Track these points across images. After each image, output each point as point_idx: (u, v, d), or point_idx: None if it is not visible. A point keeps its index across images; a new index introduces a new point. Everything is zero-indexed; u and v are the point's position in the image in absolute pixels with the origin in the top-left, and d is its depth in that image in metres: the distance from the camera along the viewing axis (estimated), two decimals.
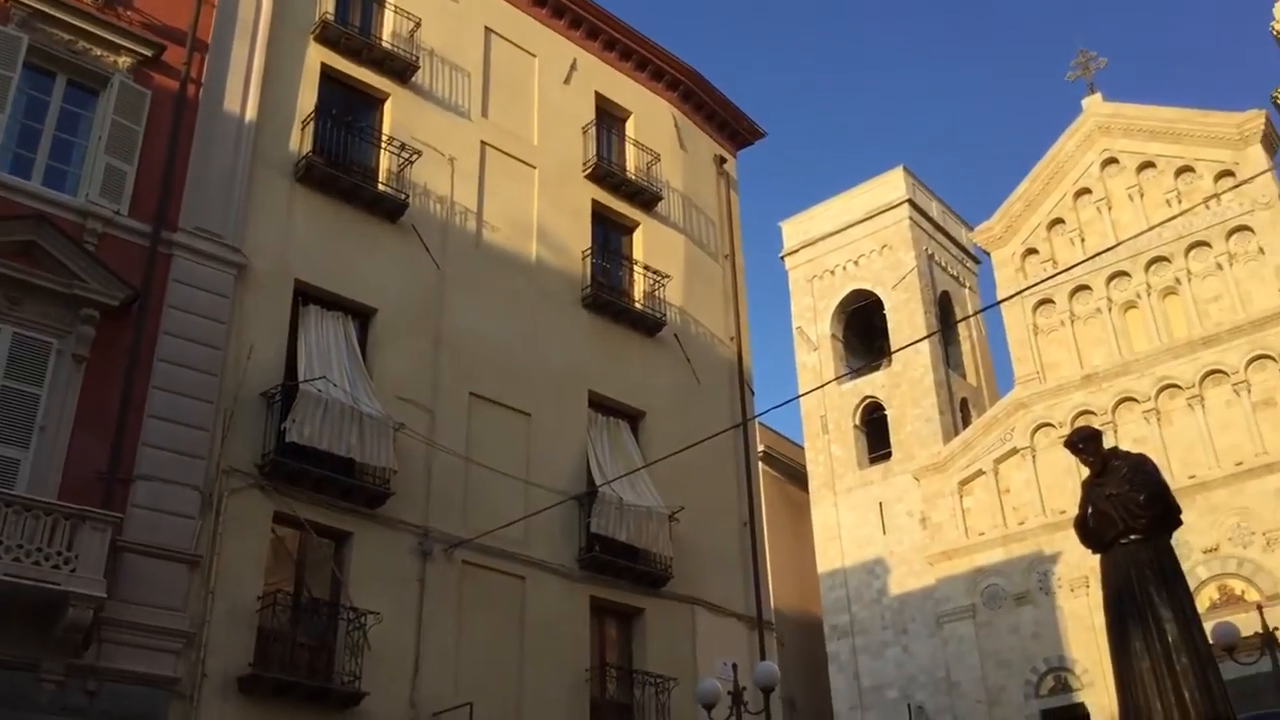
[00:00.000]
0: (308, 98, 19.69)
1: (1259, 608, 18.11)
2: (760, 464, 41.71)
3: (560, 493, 20.18)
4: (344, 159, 19.73)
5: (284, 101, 19.32)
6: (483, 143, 22.32)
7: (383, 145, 20.49)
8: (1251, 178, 37.38)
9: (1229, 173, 39.69)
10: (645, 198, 24.99)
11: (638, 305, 23.69)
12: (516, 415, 20.62)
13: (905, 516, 43.45)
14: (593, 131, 24.54)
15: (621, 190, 24.64)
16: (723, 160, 27.98)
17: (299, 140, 19.26)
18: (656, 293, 24.14)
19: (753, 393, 25.99)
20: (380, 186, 19.98)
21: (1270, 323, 36.93)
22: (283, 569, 16.93)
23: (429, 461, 18.76)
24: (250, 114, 18.60)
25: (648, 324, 23.63)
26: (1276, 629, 16.59)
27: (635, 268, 24.36)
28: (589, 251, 23.29)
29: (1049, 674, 38.14)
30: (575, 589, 20.14)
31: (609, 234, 24.61)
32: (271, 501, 16.65)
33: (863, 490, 44.90)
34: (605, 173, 24.28)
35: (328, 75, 20.25)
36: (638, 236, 25.00)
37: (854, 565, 43.88)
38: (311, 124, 19.45)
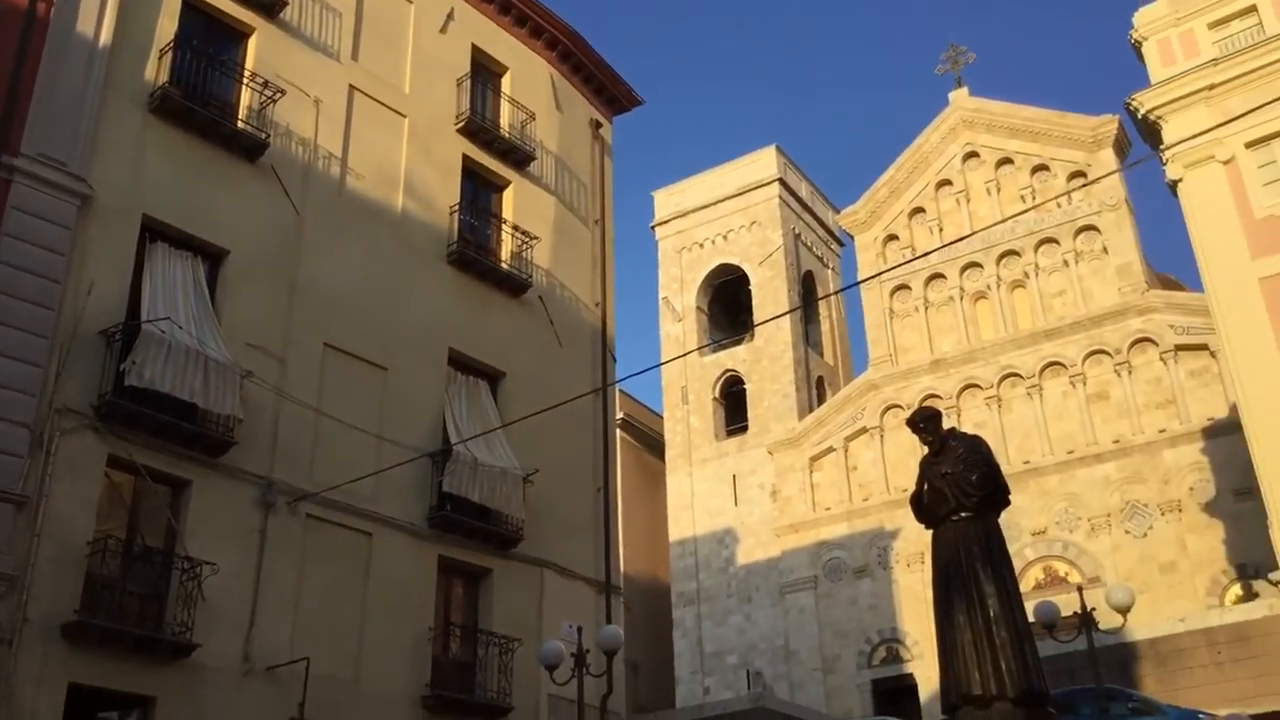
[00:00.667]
0: (167, 26, 18.77)
1: (1079, 589, 19.07)
2: (618, 431, 42.06)
3: (413, 450, 19.90)
4: (203, 93, 18.90)
5: (142, 28, 18.38)
6: (351, 87, 21.69)
7: (245, 81, 19.70)
8: (1099, 178, 39.15)
9: (1081, 173, 41.48)
10: (518, 156, 24.70)
11: (504, 265, 23.45)
12: (372, 369, 20.23)
13: (757, 489, 44.39)
14: (467, 85, 24.10)
15: (494, 147, 24.30)
16: (598, 125, 27.85)
17: (155, 70, 18.37)
18: (524, 253, 23.93)
19: (615, 359, 26.07)
20: (240, 124, 19.22)
21: (1108, 320, 38.83)
22: (116, 515, 16.28)
23: (277, 411, 18.26)
24: (105, 38, 17.64)
25: (513, 284, 23.43)
26: (1094, 610, 17.52)
27: (504, 227, 24.09)
28: (457, 207, 22.92)
29: (882, 645, 39.65)
30: (423, 547, 19.94)
31: (478, 191, 24.27)
32: (106, 444, 15.97)
33: (718, 462, 45.66)
34: (478, 128, 23.89)
35: (190, 4, 19.34)
36: (508, 195, 24.72)
37: (705, 534, 44.67)
38: (170, 54, 18.55)
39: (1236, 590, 33.58)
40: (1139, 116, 25.30)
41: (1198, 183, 23.97)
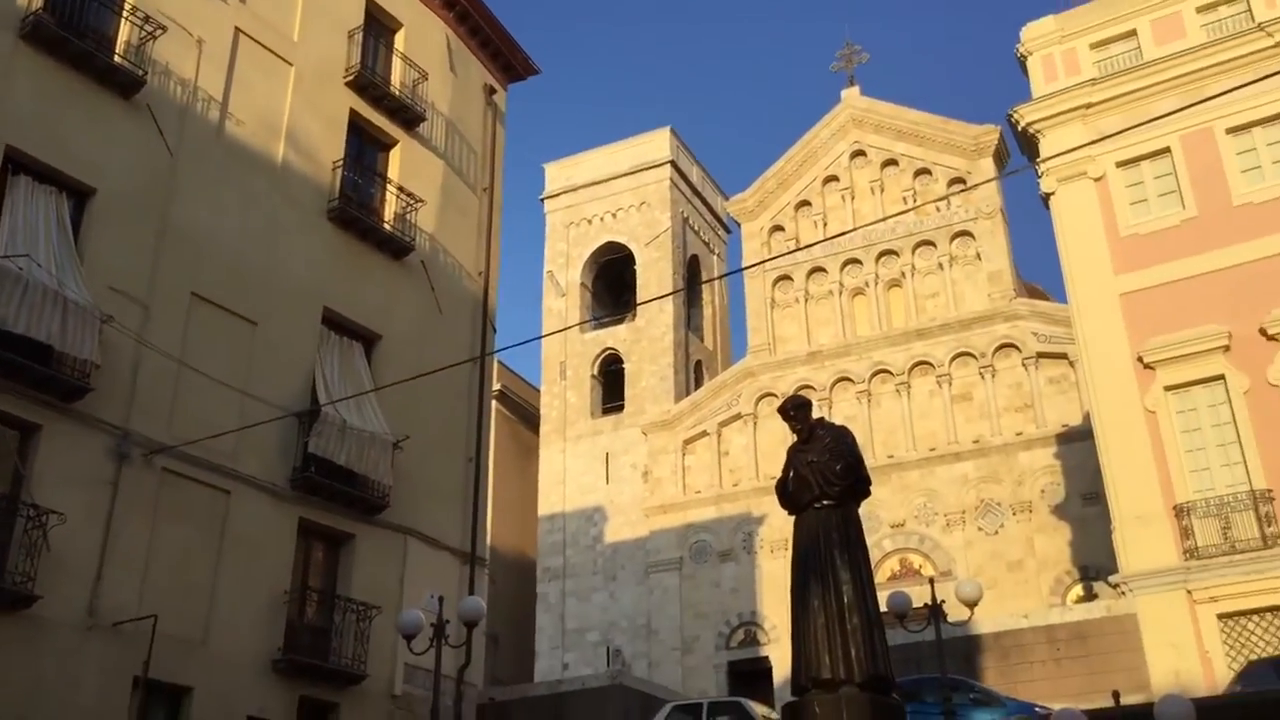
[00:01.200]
0: None
1: (931, 581, 19.63)
2: (494, 402, 41.76)
3: (280, 408, 19.39)
4: (78, 23, 18.01)
5: None
6: (237, 29, 20.92)
7: (124, 15, 18.83)
8: (977, 185, 40.36)
9: (961, 180, 42.68)
10: (407, 116, 24.20)
11: (386, 226, 22.99)
12: (241, 322, 19.62)
13: (629, 469, 44.64)
14: (359, 38, 23.49)
15: (383, 104, 23.76)
16: (493, 91, 27.48)
17: None
18: (408, 216, 23.50)
19: (495, 330, 25.84)
20: (116, 58, 18.38)
21: (976, 323, 40.11)
22: None
23: (137, 360, 17.58)
24: None
25: (395, 246, 22.99)
26: (943, 602, 18.08)
27: (388, 187, 23.60)
28: (340, 163, 22.35)
29: (740, 628, 40.39)
30: (284, 509, 19.47)
31: (364, 148, 23.71)
32: None
33: (592, 439, 45.74)
34: (368, 83, 23.32)
35: None
36: (394, 155, 24.21)
37: (574, 511, 44.76)
38: None
39: (1078, 591, 35.17)
40: (1019, 128, 26.08)
41: (1069, 197, 24.86)
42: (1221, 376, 22.03)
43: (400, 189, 23.56)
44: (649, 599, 42.01)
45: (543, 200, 51.21)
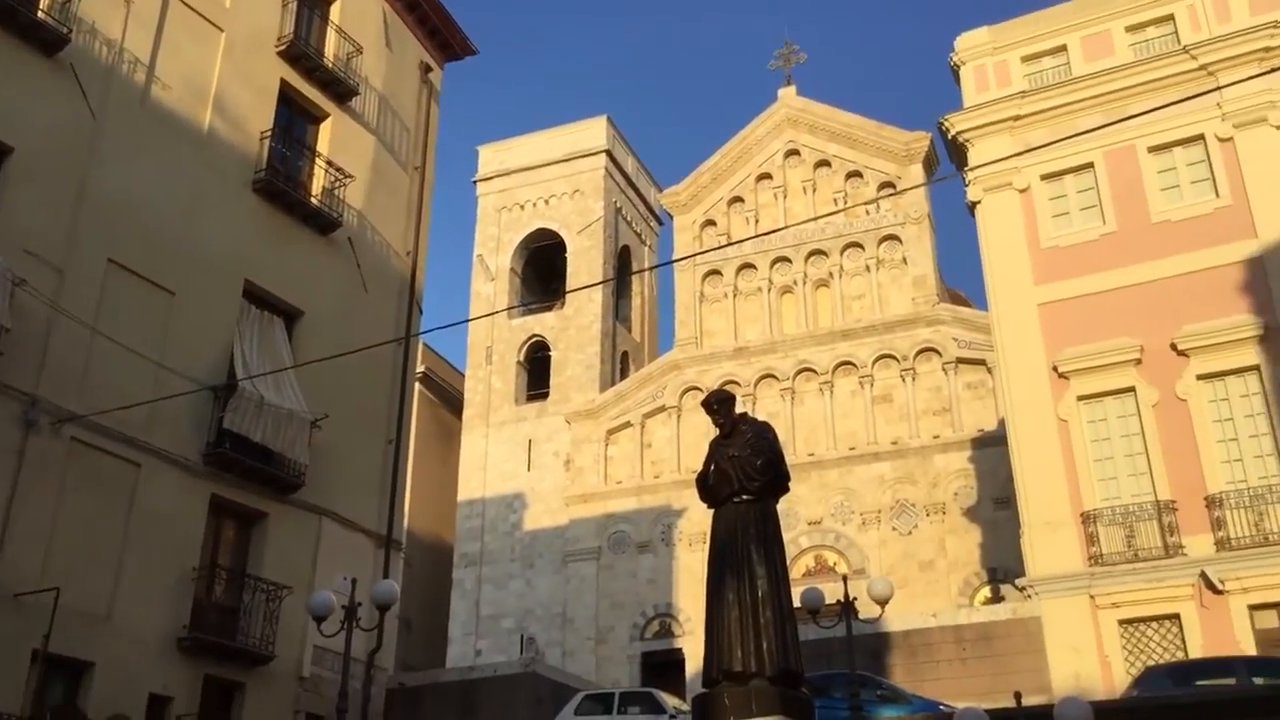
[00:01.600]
0: None
1: (844, 579, 19.91)
2: (417, 384, 41.38)
3: (195, 381, 18.99)
4: None
5: None
6: None
7: None
8: (906, 190, 40.96)
9: (891, 184, 43.25)
10: (340, 89, 23.80)
11: (313, 200, 22.61)
12: (159, 292, 19.15)
13: (552, 456, 44.53)
14: (293, 7, 23.04)
15: (315, 76, 23.34)
16: (428, 69, 27.14)
17: None
18: (336, 191, 23.13)
19: (421, 311, 25.58)
20: (40, 14, 17.80)
21: (900, 327, 40.71)
22: None
23: (49, 325, 17.07)
24: None
25: (321, 221, 22.61)
26: (855, 599, 18.33)
27: (317, 161, 23.20)
28: (269, 134, 21.91)
29: (656, 619, 40.57)
30: (196, 484, 19.07)
31: (294, 120, 23.28)
32: None
33: (515, 425, 45.53)
34: (300, 53, 22.88)
35: None
36: (325, 129, 23.81)
37: (494, 497, 44.53)
38: None
39: (986, 592, 35.95)
40: (949, 137, 26.48)
41: (994, 207, 25.31)
42: (1132, 389, 22.64)
43: (329, 163, 23.17)
44: (566, 588, 41.99)
45: (475, 183, 50.77)
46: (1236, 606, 20.49)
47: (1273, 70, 21.04)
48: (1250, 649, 19.95)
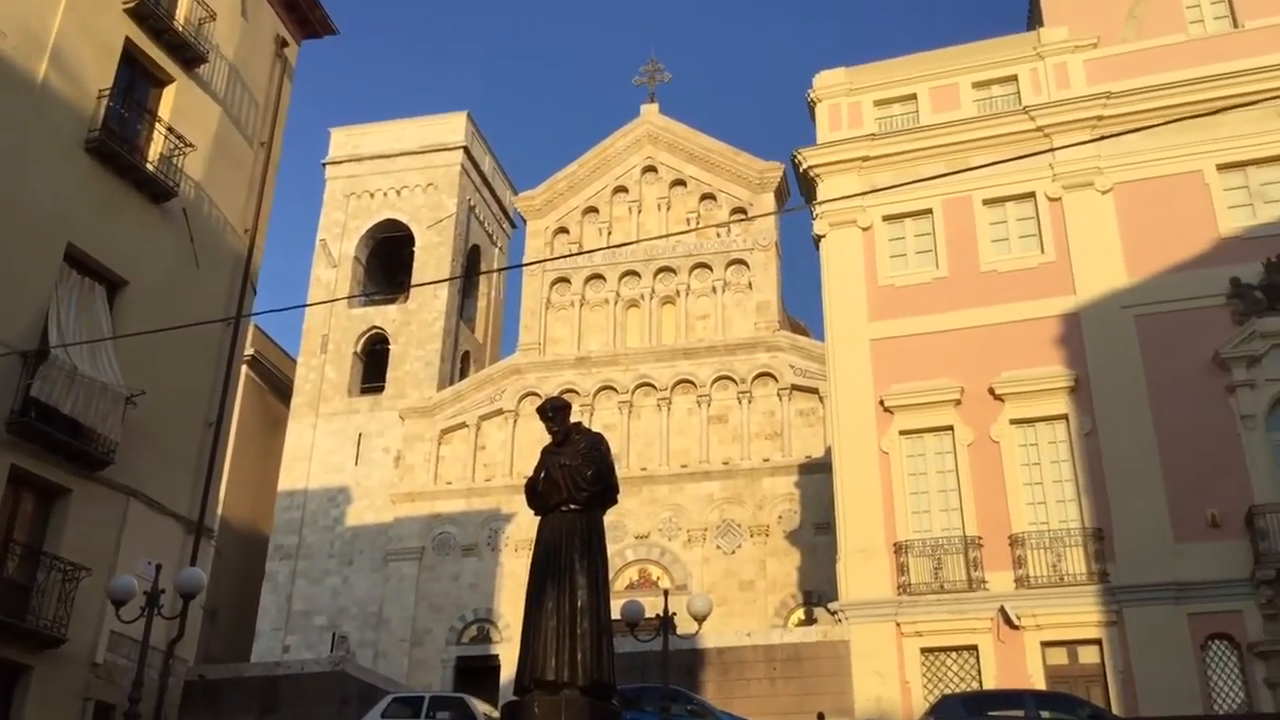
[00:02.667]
0: None
1: (665, 594, 20.14)
2: (245, 367, 39.99)
3: (3, 344, 17.84)
4: None
5: None
6: None
7: None
8: (756, 217, 41.89)
9: (743, 210, 44.13)
10: (188, 55, 22.83)
11: (149, 166, 21.59)
12: None
13: (381, 452, 43.60)
14: None
15: (163, 38, 22.33)
16: (284, 44, 26.31)
17: None
18: (175, 159, 22.15)
19: (255, 291, 24.71)
20: None
21: (740, 350, 41.50)
22: None
23: None
24: None
25: (155, 189, 21.62)
26: (674, 615, 18.56)
27: (157, 126, 22.17)
28: (107, 93, 20.84)
29: (474, 624, 40.12)
30: None
31: (136, 81, 22.20)
32: None
33: (346, 418, 44.41)
34: (149, 13, 21.86)
35: None
36: (169, 94, 22.79)
37: (317, 490, 43.29)
38: None
39: (800, 614, 36.92)
40: (801, 170, 27.22)
41: (838, 242, 26.13)
42: (951, 427, 23.66)
43: (170, 130, 22.18)
44: (384, 587, 41.11)
45: (325, 165, 49.44)
46: (1030, 642, 21.61)
47: (1102, 138, 22.39)
48: (1040, 683, 21.06)
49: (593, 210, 46.08)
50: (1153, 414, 22.47)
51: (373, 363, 46.07)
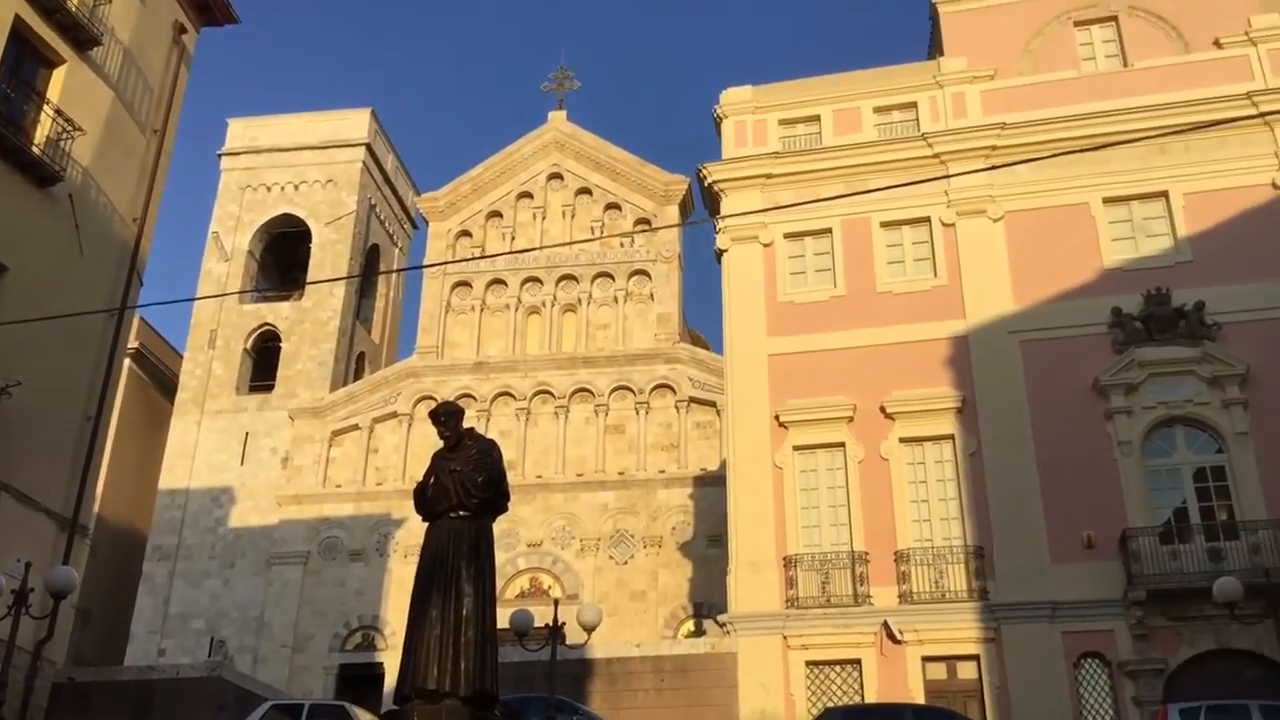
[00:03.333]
0: None
1: (556, 603, 20.05)
2: (128, 361, 38.72)
3: None
4: None
5: None
6: None
7: None
8: (660, 229, 42.14)
9: (647, 221, 44.31)
10: (81, 36, 22.03)
11: (35, 148, 20.76)
12: None
13: (269, 452, 42.56)
14: None
15: (55, 18, 21.50)
16: (183, 30, 25.57)
17: None
18: (62, 143, 21.35)
19: (141, 283, 23.92)
20: None
21: (640, 360, 41.61)
22: None
23: None
24: None
25: (40, 173, 20.79)
26: (564, 625, 18.50)
27: (45, 108, 21.34)
28: None
29: (359, 631, 39.35)
30: None
31: (24, 60, 21.34)
32: None
33: (233, 416, 43.25)
34: None
35: None
36: (59, 75, 21.95)
37: (200, 489, 42.03)
38: None
39: (690, 626, 37.09)
40: (705, 184, 27.46)
41: (739, 257, 26.41)
42: (843, 444, 24.06)
43: (58, 112, 21.37)
44: (267, 591, 40.07)
45: (221, 156, 48.18)
46: (912, 656, 22.05)
47: (995, 167, 23.05)
48: (920, 698, 21.51)
49: (497, 215, 45.78)
50: (1034, 437, 23.17)
51: (263, 360, 44.98)
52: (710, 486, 37.31)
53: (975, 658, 21.98)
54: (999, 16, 27.64)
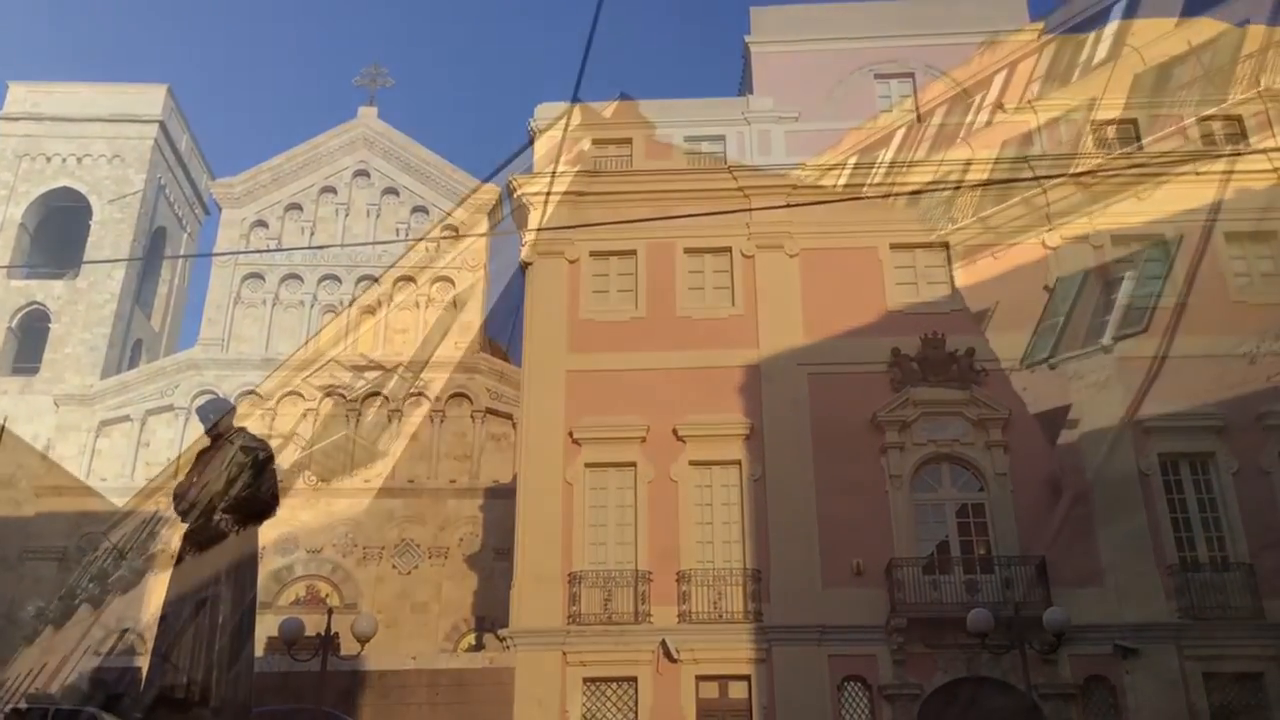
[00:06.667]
0: None
1: (330, 612, 19.41)
2: None
3: None
4: None
5: None
6: None
7: None
8: (467, 236, 41.73)
9: (454, 227, 43.79)
10: None
11: None
12: None
13: (30, 439, 39.68)
14: None
15: None
16: None
17: None
18: None
19: None
20: None
21: (438, 368, 40.93)
22: None
23: None
24: None
25: None
26: (337, 634, 17.93)
27: None
28: None
29: (118, 633, 37.08)
30: None
31: None
32: None
33: None
34: None
35: None
36: None
37: None
38: None
39: (471, 639, 36.63)
40: (515, 195, 27.35)
41: (544, 271, 26.38)
42: (634, 464, 24.32)
43: None
44: (18, 587, 37.25)
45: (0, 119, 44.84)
46: (686, 675, 22.43)
47: (792, 205, 23.91)
48: (691, 716, 21.90)
49: (296, 207, 44.30)
50: (815, 466, 24.03)
51: (29, 341, 41.99)
52: (501, 499, 37.00)
53: (747, 678, 22.52)
54: (807, 61, 28.75)
